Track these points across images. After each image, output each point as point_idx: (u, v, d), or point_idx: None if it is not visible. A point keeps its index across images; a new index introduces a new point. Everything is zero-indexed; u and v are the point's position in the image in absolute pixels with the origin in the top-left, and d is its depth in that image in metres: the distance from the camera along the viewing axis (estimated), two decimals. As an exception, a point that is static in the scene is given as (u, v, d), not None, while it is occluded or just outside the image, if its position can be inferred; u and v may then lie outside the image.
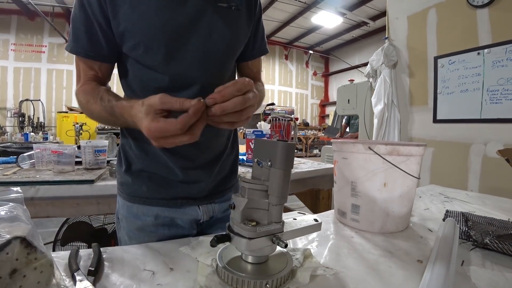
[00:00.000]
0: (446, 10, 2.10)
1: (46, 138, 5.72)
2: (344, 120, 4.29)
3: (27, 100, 7.17)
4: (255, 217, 0.45)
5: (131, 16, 0.56)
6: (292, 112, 9.46)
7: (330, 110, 11.13)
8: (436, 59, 2.16)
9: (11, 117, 7.18)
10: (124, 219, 0.70)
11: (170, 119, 0.43)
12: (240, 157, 1.71)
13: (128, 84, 0.66)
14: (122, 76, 0.67)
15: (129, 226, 0.68)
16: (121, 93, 0.67)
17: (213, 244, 0.44)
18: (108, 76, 0.67)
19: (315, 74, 11.41)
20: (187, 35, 0.60)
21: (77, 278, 0.42)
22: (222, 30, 0.62)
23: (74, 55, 0.61)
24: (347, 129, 4.25)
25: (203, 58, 0.62)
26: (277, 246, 0.45)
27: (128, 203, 0.68)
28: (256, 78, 0.78)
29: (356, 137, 3.55)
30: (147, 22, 0.57)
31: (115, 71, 0.69)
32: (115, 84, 2.37)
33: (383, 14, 6.70)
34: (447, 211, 0.86)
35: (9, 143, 2.00)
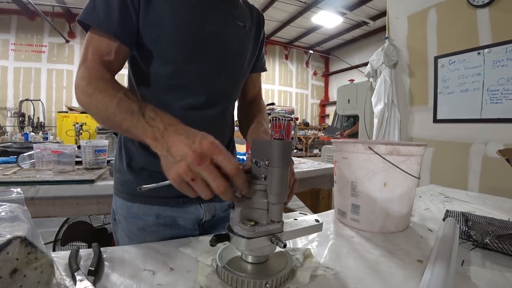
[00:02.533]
0: (446, 10, 2.10)
1: (46, 138, 5.72)
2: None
3: (27, 100, 7.17)
4: (254, 217, 0.45)
5: (164, 8, 0.59)
6: (292, 112, 9.46)
7: (330, 110, 11.13)
8: (436, 59, 2.16)
9: (11, 117, 7.18)
10: (123, 220, 0.69)
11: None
12: (240, 157, 1.71)
13: (137, 79, 0.66)
14: (132, 70, 0.67)
15: (129, 227, 0.68)
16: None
17: (213, 243, 0.44)
18: (120, 66, 0.62)
19: (315, 74, 11.41)
20: (210, 41, 0.64)
21: (77, 278, 0.42)
22: (238, 43, 0.71)
23: (88, 33, 0.58)
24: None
25: (221, 63, 0.67)
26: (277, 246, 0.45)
27: (128, 203, 0.68)
28: (257, 97, 0.89)
29: (353, 134, 3.55)
30: (178, 18, 0.60)
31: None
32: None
33: (383, 14, 6.70)
34: (447, 211, 0.86)
35: (9, 143, 2.00)
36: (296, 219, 0.52)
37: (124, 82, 0.67)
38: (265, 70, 0.88)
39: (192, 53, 0.63)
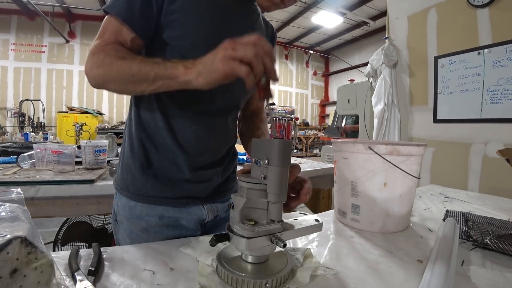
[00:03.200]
0: (446, 10, 2.10)
1: (46, 138, 5.71)
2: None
3: (27, 100, 7.16)
4: (254, 217, 0.45)
5: (190, 7, 0.59)
6: (292, 112, 9.47)
7: (330, 110, 11.12)
8: (436, 59, 2.16)
9: (11, 117, 7.18)
10: (125, 221, 0.68)
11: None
12: (240, 157, 1.71)
13: None
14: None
15: (132, 228, 0.67)
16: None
17: (212, 243, 0.45)
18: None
19: (315, 74, 11.40)
20: None
21: (77, 278, 0.42)
22: None
23: (107, 17, 0.58)
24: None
25: None
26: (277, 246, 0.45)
27: (130, 203, 0.67)
28: (261, 109, 0.88)
29: (354, 131, 3.54)
30: (202, 20, 0.60)
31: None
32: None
33: (383, 14, 6.70)
34: (447, 211, 0.86)
35: (9, 143, 2.00)
36: (296, 219, 0.52)
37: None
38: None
39: None
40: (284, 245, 0.42)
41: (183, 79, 0.49)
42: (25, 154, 1.39)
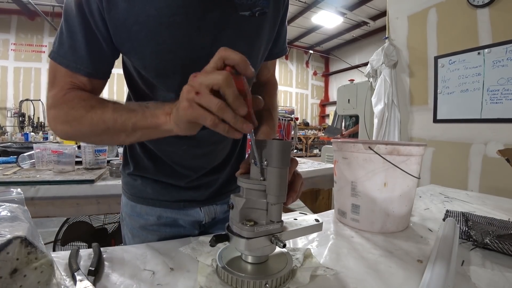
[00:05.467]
0: (446, 10, 2.10)
1: (46, 138, 5.71)
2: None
3: (27, 100, 7.17)
4: (254, 217, 0.45)
5: (139, 34, 0.47)
6: (292, 112, 9.47)
7: (330, 110, 11.13)
8: (436, 59, 2.16)
9: (11, 117, 7.18)
10: (127, 217, 0.70)
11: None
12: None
13: (136, 94, 0.61)
14: (128, 80, 0.61)
15: (132, 224, 0.69)
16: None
17: (212, 243, 0.44)
18: (98, 91, 0.54)
19: (315, 74, 11.40)
20: (207, 60, 0.51)
21: (77, 278, 0.42)
22: (244, 46, 0.54)
23: (52, 61, 0.50)
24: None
25: None
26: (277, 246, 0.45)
27: (131, 202, 0.69)
28: (271, 80, 0.77)
29: (353, 134, 3.55)
30: (158, 44, 0.48)
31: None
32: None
33: (383, 14, 6.69)
34: (447, 211, 0.86)
35: (9, 143, 2.00)
36: (296, 219, 0.52)
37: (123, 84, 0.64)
38: (285, 53, 0.70)
39: (186, 79, 0.52)
40: (284, 246, 0.42)
41: (165, 128, 0.42)
42: (25, 154, 1.39)
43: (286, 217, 0.50)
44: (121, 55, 0.55)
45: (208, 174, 0.70)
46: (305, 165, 1.79)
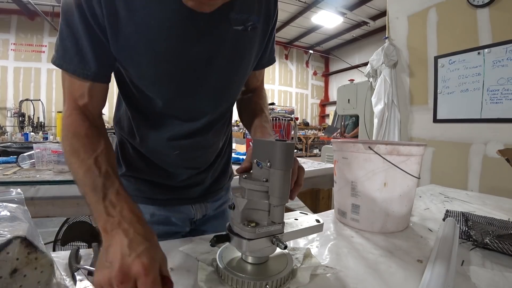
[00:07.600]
0: (446, 10, 2.10)
1: (46, 138, 5.71)
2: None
3: (27, 100, 7.17)
4: (255, 218, 0.44)
5: (137, 44, 0.48)
6: (292, 112, 9.47)
7: (330, 110, 11.12)
8: (436, 58, 2.16)
9: (11, 117, 7.18)
10: None
11: None
12: (240, 156, 1.71)
13: (129, 103, 0.62)
14: (122, 93, 0.63)
15: None
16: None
17: (213, 244, 0.44)
18: (100, 102, 0.54)
19: (315, 73, 11.40)
20: (202, 71, 0.55)
21: (77, 277, 0.42)
22: (237, 61, 0.59)
23: (61, 72, 0.51)
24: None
25: (217, 93, 0.60)
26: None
27: None
28: (260, 87, 0.78)
29: (354, 137, 3.55)
30: (156, 54, 0.50)
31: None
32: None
33: (383, 13, 6.69)
34: (447, 211, 0.86)
35: (9, 143, 1.99)
36: (297, 219, 0.52)
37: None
38: (273, 62, 0.73)
39: (180, 90, 0.55)
40: (285, 247, 0.42)
41: (99, 227, 0.42)
42: (25, 154, 1.39)
43: (286, 217, 0.50)
44: None
45: (200, 173, 0.71)
46: (305, 165, 1.79)
